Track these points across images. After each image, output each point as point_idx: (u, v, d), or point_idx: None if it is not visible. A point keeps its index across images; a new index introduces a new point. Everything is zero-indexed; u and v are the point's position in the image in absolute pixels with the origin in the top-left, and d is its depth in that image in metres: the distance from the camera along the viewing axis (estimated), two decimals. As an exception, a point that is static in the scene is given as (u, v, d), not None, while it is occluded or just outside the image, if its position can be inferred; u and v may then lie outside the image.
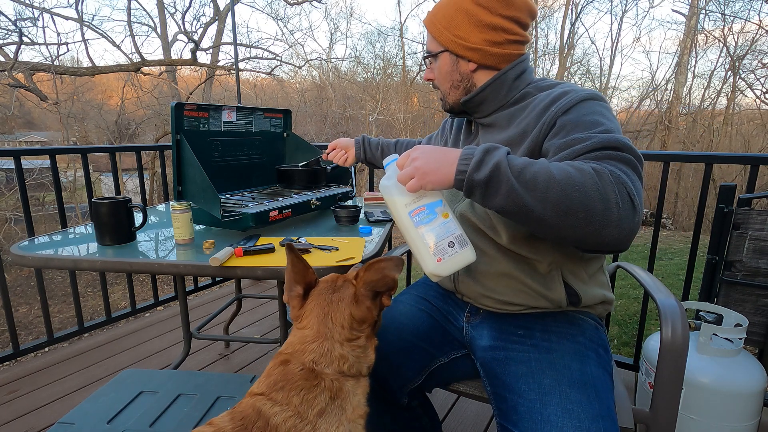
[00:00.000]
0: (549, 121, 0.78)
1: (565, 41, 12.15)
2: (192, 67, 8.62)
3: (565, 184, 0.63)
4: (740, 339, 1.35)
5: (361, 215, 1.47)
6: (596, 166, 0.65)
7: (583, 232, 0.64)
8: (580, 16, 12.11)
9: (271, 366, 0.67)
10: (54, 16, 6.87)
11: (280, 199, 1.47)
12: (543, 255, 0.84)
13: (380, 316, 0.74)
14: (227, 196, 1.52)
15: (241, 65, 9.32)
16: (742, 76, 9.67)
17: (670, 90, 11.10)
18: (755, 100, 9.93)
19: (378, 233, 1.27)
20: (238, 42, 7.39)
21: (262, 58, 11.80)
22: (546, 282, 0.85)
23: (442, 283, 1.03)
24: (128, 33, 8.00)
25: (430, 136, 1.25)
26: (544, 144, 0.79)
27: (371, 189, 2.44)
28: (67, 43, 8.35)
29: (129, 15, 8.02)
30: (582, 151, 0.70)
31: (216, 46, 9.20)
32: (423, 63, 1.00)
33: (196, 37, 8.84)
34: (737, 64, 9.57)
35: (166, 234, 1.29)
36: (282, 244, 1.11)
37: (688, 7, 10.42)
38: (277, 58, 9.96)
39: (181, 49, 11.58)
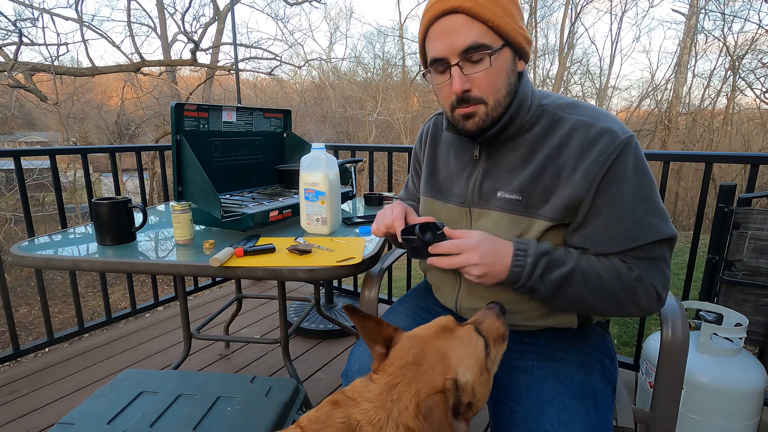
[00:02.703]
0: (593, 175, 0.73)
1: (564, 41, 12.15)
2: (192, 67, 8.61)
3: (590, 302, 0.74)
4: (740, 338, 1.35)
5: (360, 213, 1.48)
6: (642, 275, 0.73)
7: (591, 313, 0.82)
8: (580, 15, 12.12)
9: (326, 401, 0.61)
10: (54, 17, 6.87)
11: (280, 199, 1.47)
12: None
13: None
14: (227, 196, 1.52)
15: (240, 65, 9.31)
16: (742, 75, 9.66)
17: (670, 89, 11.10)
18: (755, 100, 9.93)
19: (378, 233, 1.27)
20: (237, 42, 7.38)
21: (261, 58, 11.80)
22: (558, 311, 0.84)
23: (443, 303, 1.00)
24: (128, 33, 8.00)
25: (417, 155, 1.07)
26: (591, 198, 0.74)
27: (371, 189, 2.44)
28: (66, 44, 8.31)
29: (129, 15, 8.02)
30: (636, 246, 0.73)
31: (216, 46, 9.19)
32: (424, 75, 0.78)
33: (195, 38, 8.83)
34: (737, 63, 9.56)
35: (166, 234, 1.29)
36: (294, 250, 1.11)
37: (687, 6, 10.42)
38: (277, 58, 9.95)
39: (180, 50, 11.58)
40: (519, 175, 0.79)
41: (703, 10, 10.20)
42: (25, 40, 6.60)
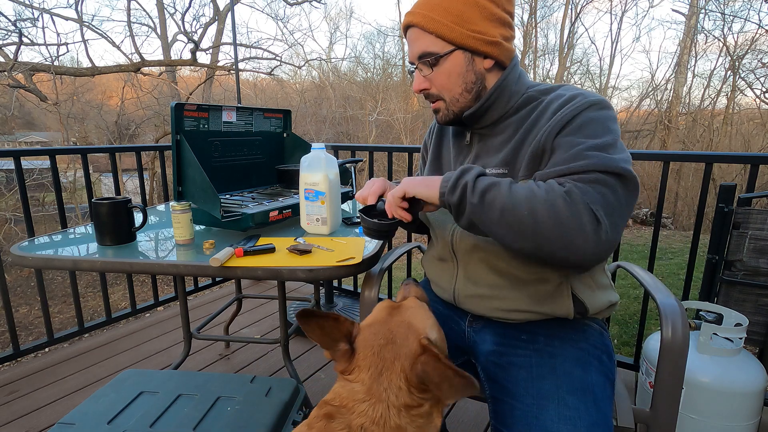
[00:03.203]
0: (554, 125, 0.76)
1: (564, 41, 12.16)
2: (192, 67, 8.62)
3: (519, 212, 0.68)
4: (740, 338, 1.35)
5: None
6: (573, 188, 0.68)
7: (541, 253, 0.69)
8: (580, 15, 12.12)
9: (314, 416, 0.58)
10: (54, 17, 6.87)
11: (280, 199, 1.47)
12: (554, 269, 0.83)
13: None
14: (227, 196, 1.52)
15: (240, 65, 9.32)
16: (742, 75, 9.66)
17: (670, 89, 11.11)
18: (755, 100, 9.93)
19: (378, 233, 1.27)
20: (237, 42, 7.38)
21: (261, 58, 11.80)
22: (553, 297, 0.84)
23: (442, 296, 1.01)
24: (128, 33, 8.01)
25: (426, 146, 1.12)
26: (550, 145, 0.77)
27: (371, 189, 2.44)
28: (66, 44, 8.32)
29: (129, 15, 8.02)
30: (575, 170, 0.71)
31: (216, 46, 9.20)
32: (410, 72, 0.90)
33: (195, 38, 8.84)
34: (737, 63, 9.56)
35: (166, 234, 1.29)
36: (289, 246, 1.11)
37: (687, 6, 10.43)
38: (277, 58, 9.95)
39: (180, 50, 11.58)
40: (503, 151, 0.85)
41: (703, 10, 10.21)
42: (25, 40, 6.61)
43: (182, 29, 9.04)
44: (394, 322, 0.62)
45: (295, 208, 1.37)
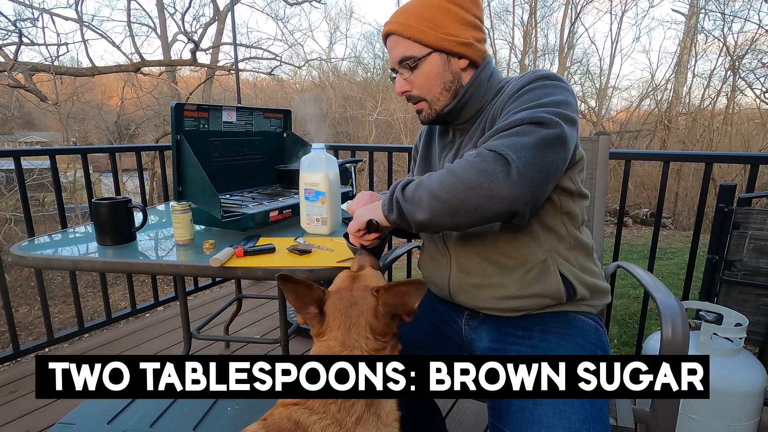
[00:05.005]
0: (503, 99, 0.83)
1: (564, 41, 12.16)
2: (192, 67, 8.62)
3: (440, 193, 0.71)
4: (740, 338, 1.35)
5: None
6: (483, 148, 0.71)
7: (479, 216, 0.71)
8: (580, 15, 12.12)
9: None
10: (54, 17, 6.87)
11: (280, 199, 1.47)
12: (537, 248, 0.85)
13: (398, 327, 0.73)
14: (227, 196, 1.52)
15: (240, 65, 9.31)
16: (742, 75, 9.67)
17: (670, 89, 11.11)
18: (755, 100, 9.95)
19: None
20: (237, 42, 7.37)
21: (261, 58, 11.77)
22: (541, 276, 0.85)
23: (438, 294, 1.02)
24: (128, 33, 8.00)
25: (416, 148, 1.15)
26: (497, 118, 0.82)
27: (371, 189, 2.44)
28: (66, 44, 8.28)
29: (129, 15, 8.01)
30: (500, 129, 0.74)
31: (216, 46, 9.19)
32: (392, 78, 0.96)
33: (195, 38, 8.83)
34: (737, 63, 9.57)
35: (166, 234, 1.29)
36: (277, 243, 1.11)
37: (687, 6, 10.43)
38: (277, 58, 9.94)
39: (180, 50, 11.57)
40: (473, 139, 0.90)
41: (703, 10, 10.22)
42: (25, 40, 6.60)
43: (182, 29, 9.03)
44: (354, 288, 0.72)
45: (295, 208, 1.37)
